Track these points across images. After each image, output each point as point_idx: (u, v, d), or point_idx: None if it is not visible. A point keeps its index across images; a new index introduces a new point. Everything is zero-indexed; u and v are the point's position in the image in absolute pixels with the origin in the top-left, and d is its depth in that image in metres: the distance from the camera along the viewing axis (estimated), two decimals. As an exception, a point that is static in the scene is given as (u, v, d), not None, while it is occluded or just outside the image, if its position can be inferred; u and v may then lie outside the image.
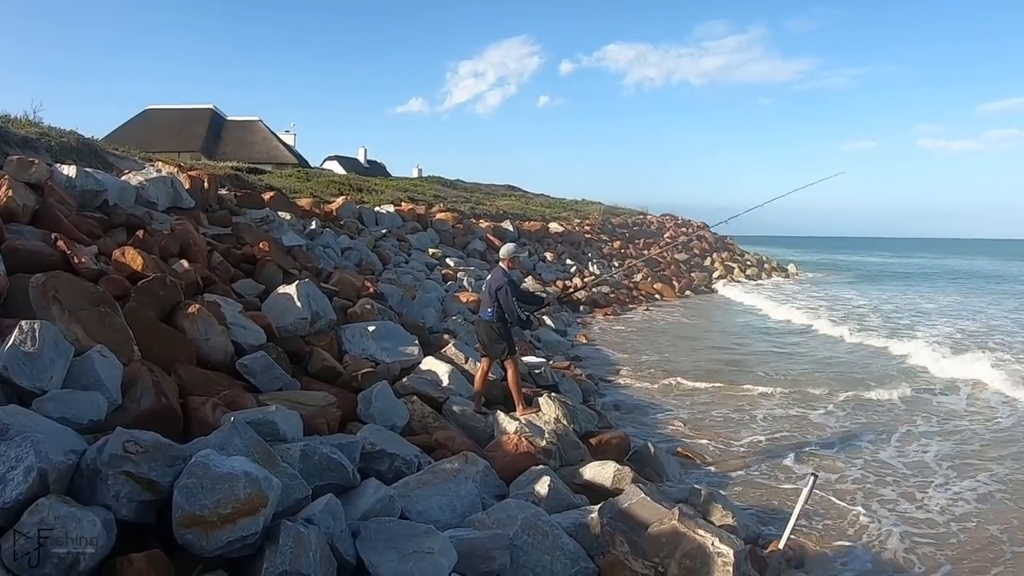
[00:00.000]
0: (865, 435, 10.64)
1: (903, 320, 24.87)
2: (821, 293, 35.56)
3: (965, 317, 25.84)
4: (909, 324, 23.58)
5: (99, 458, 4.00)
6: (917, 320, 24.76)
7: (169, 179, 12.94)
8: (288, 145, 48.26)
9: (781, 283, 41.97)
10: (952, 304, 31.08)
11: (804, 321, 23.97)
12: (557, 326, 18.82)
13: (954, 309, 28.78)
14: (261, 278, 10.70)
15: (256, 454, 4.66)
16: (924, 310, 28.40)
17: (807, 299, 31.67)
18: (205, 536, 3.87)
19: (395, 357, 9.59)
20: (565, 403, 8.96)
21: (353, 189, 28.44)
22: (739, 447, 10.03)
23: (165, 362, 6.44)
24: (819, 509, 7.81)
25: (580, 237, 35.74)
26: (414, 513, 5.51)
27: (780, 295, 32.84)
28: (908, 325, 23.30)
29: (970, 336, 20.58)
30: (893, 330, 21.70)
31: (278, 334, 8.84)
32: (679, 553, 5.06)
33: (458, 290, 18.24)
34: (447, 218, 26.84)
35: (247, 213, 15.52)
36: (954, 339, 19.77)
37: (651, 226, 49.17)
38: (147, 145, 30.58)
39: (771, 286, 38.77)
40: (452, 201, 33.46)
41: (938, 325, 23.11)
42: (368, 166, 60.40)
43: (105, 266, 7.68)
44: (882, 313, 26.70)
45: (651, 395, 13.00)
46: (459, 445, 7.25)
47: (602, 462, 7.45)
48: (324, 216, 19.83)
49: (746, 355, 17.63)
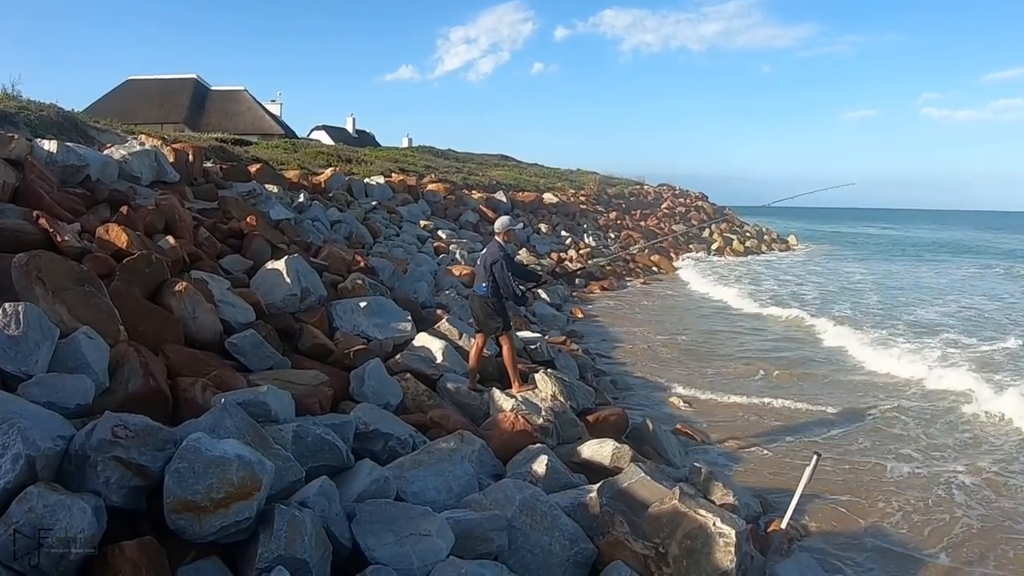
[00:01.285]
0: (872, 413, 10.67)
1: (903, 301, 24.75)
2: (817, 269, 34.31)
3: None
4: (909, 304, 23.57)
5: (88, 443, 3.99)
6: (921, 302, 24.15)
7: (153, 152, 12.85)
8: (274, 115, 47.95)
9: (775, 259, 40.12)
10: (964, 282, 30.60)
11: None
12: (553, 300, 18.80)
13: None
14: (249, 254, 10.65)
15: (248, 436, 4.66)
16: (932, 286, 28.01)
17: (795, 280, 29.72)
18: (198, 522, 3.87)
19: (387, 334, 9.59)
20: (562, 379, 8.96)
21: (342, 160, 28.27)
22: (741, 424, 10.08)
23: (152, 342, 6.41)
24: (823, 488, 7.86)
25: (575, 208, 35.68)
26: (410, 494, 5.53)
27: (752, 279, 28.72)
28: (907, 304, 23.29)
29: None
30: (889, 309, 21.75)
31: (267, 311, 8.82)
32: (680, 533, 5.09)
33: (451, 263, 18.20)
34: (439, 189, 26.75)
35: (233, 186, 15.42)
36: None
37: (648, 196, 49.10)
38: (129, 117, 30.37)
39: (763, 262, 37.11)
40: (444, 171, 33.32)
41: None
42: (357, 136, 60.11)
43: (89, 244, 7.62)
44: (883, 289, 26.60)
45: (649, 370, 13.04)
46: (454, 424, 7.26)
47: (600, 440, 7.47)
48: (312, 188, 19.74)
49: (746, 331, 17.68)
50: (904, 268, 35.98)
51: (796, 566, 5.55)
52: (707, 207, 51.00)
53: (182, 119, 40.95)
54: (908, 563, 6.42)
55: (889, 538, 6.81)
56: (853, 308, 21.09)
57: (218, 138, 24.26)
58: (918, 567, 6.36)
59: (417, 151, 45.25)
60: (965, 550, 6.65)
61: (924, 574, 6.28)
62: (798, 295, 24.15)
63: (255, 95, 47.96)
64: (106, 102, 42.23)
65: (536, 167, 54.23)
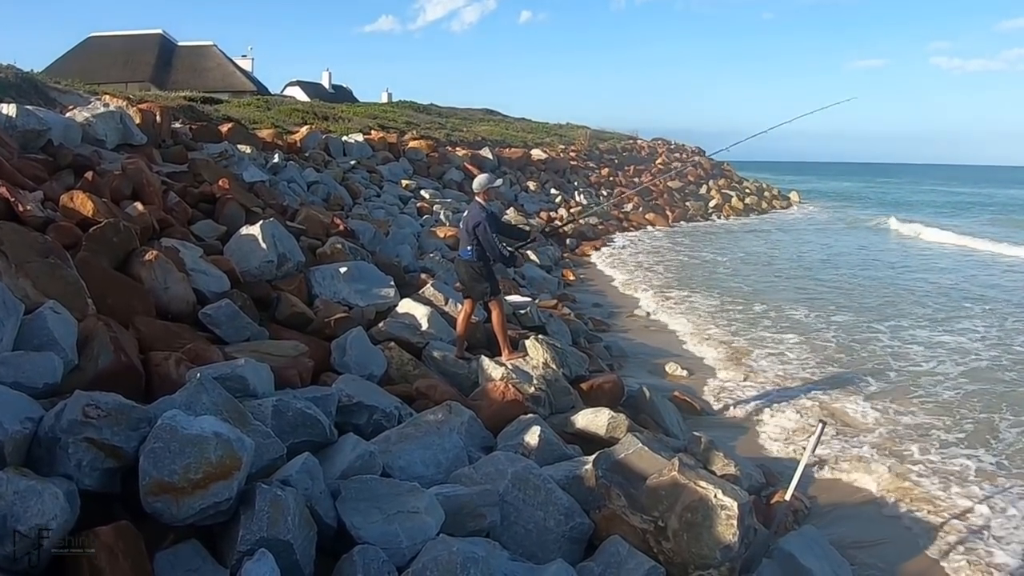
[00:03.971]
0: (879, 378, 10.75)
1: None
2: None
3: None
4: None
5: (58, 425, 3.96)
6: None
7: (118, 114, 12.71)
8: (245, 71, 47.53)
9: (757, 221, 38.27)
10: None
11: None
12: (543, 262, 18.80)
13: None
14: (222, 219, 10.56)
15: (226, 412, 4.63)
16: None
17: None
18: (175, 504, 3.86)
19: (369, 300, 9.55)
20: (554, 345, 8.95)
21: (318, 117, 28.12)
22: (741, 391, 10.13)
23: (122, 315, 6.36)
24: (828, 458, 7.92)
25: (565, 164, 35.56)
26: (396, 469, 5.53)
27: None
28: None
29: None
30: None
31: (243, 279, 8.77)
32: (680, 506, 5.12)
33: (435, 224, 18.16)
34: (421, 146, 26.60)
35: (204, 148, 15.29)
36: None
37: (642, 152, 48.96)
38: (91, 76, 30.06)
39: (720, 227, 33.39)
40: (426, 128, 33.11)
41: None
42: (333, 92, 59.55)
43: (52, 213, 7.54)
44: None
45: (645, 335, 13.09)
46: (441, 394, 7.26)
47: (595, 409, 7.49)
48: (287, 148, 19.64)
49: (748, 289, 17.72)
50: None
51: (801, 539, 5.60)
52: (704, 162, 50.85)
53: (148, 77, 40.54)
54: (919, 534, 6.48)
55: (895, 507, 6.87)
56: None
57: (187, 97, 24.08)
58: (929, 538, 6.43)
59: (397, 106, 44.93)
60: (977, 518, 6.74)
61: (936, 545, 6.34)
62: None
63: (225, 50, 47.53)
64: (66, 61, 41.79)
65: (523, 122, 53.95)
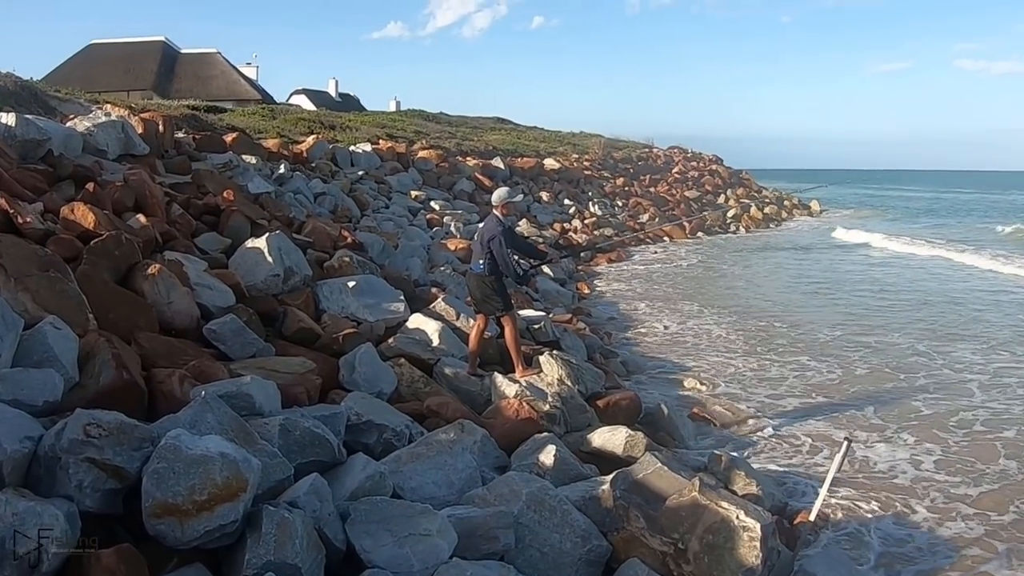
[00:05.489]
0: (908, 393, 10.67)
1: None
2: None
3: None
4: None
5: (58, 444, 3.96)
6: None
7: (120, 123, 12.78)
8: (250, 79, 47.76)
9: (777, 233, 36.97)
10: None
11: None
12: (557, 275, 18.80)
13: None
14: (227, 231, 10.61)
15: (231, 431, 4.64)
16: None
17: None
18: (180, 526, 3.86)
19: (379, 315, 9.57)
20: (569, 361, 8.93)
21: (325, 127, 28.17)
22: (763, 406, 10.08)
23: (124, 331, 6.38)
24: (855, 476, 7.85)
25: (579, 174, 35.55)
26: (407, 490, 5.52)
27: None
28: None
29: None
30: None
31: (248, 293, 8.79)
32: (701, 528, 5.10)
33: (445, 236, 18.20)
34: (430, 156, 26.65)
35: (208, 158, 15.36)
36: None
37: (658, 160, 48.94)
38: (92, 85, 30.23)
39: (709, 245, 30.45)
40: (435, 137, 33.19)
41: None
42: (340, 100, 59.80)
43: (53, 225, 7.57)
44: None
45: (662, 349, 13.06)
46: (453, 412, 7.24)
47: (612, 427, 7.48)
48: (293, 158, 19.69)
49: (768, 304, 17.67)
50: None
51: (826, 560, 5.56)
52: (722, 171, 50.85)
53: (150, 86, 40.83)
54: (946, 552, 6.42)
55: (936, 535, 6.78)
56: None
57: (190, 106, 24.20)
58: (958, 557, 6.37)
59: (406, 115, 45.07)
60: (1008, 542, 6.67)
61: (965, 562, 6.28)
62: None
63: (229, 58, 47.87)
64: (67, 69, 42.09)
65: (535, 130, 54.02)
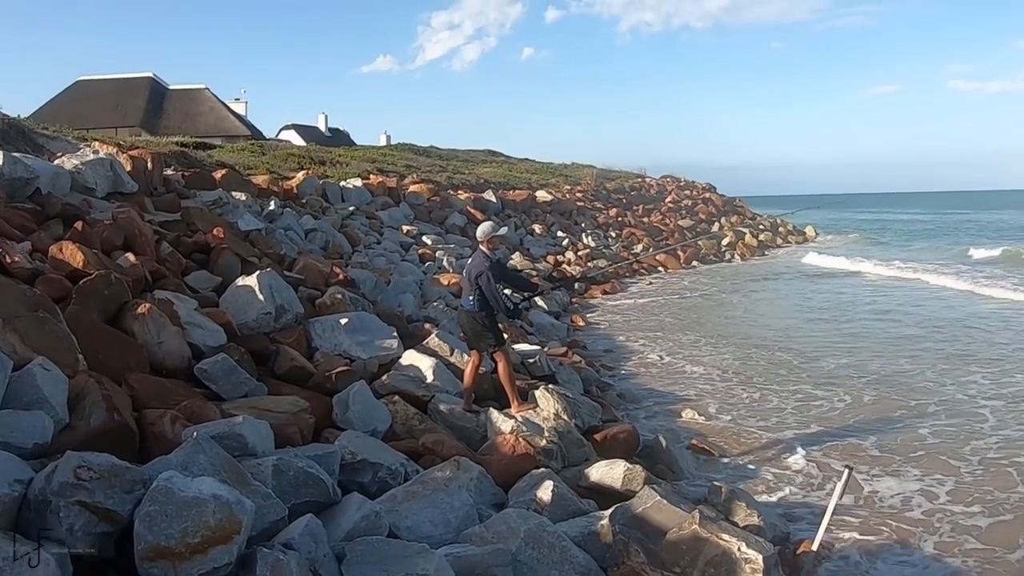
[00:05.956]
0: (907, 420, 10.63)
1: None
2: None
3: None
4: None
5: (48, 487, 3.94)
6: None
7: (108, 161, 12.84)
8: (239, 115, 47.99)
9: (772, 261, 37.15)
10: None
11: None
12: (551, 308, 18.81)
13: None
14: (217, 269, 10.62)
15: (224, 473, 4.62)
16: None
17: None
18: (173, 570, 3.83)
19: (372, 352, 9.56)
20: (565, 395, 8.94)
21: (315, 162, 28.32)
22: (762, 435, 10.06)
23: (115, 371, 6.37)
24: (862, 506, 7.83)
25: (572, 205, 35.78)
26: (404, 530, 5.50)
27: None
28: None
29: None
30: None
31: (239, 332, 8.79)
32: (702, 561, 5.08)
33: (438, 271, 18.19)
34: (422, 190, 26.80)
35: (197, 195, 15.41)
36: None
37: (650, 190, 49.21)
38: (80, 122, 30.31)
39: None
40: (426, 171, 33.36)
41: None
42: (330, 135, 60.15)
43: (41, 264, 7.59)
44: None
45: (659, 381, 13.06)
46: (449, 449, 7.23)
47: (610, 461, 7.45)
48: (284, 194, 19.79)
49: (767, 332, 17.69)
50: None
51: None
52: (716, 199, 51.16)
53: (138, 122, 41.00)
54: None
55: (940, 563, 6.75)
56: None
57: (179, 142, 24.28)
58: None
59: (396, 149, 45.26)
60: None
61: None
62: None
63: (217, 93, 48.14)
64: (55, 106, 42.28)
65: (527, 162, 54.28)
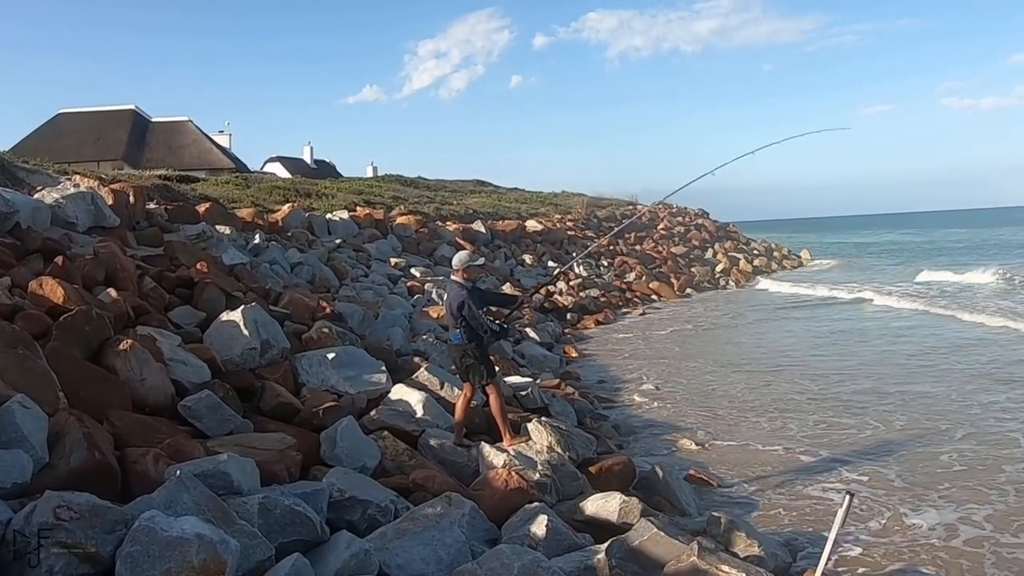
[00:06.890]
0: (911, 442, 10.59)
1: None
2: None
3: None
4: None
5: (27, 527, 3.93)
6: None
7: (89, 195, 12.84)
8: (223, 147, 48.19)
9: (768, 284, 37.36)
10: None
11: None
12: (543, 339, 18.84)
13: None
14: (201, 304, 10.59)
15: (209, 512, 4.61)
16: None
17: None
18: (156, 612, 3.81)
19: (360, 387, 9.53)
20: (558, 428, 8.92)
21: (300, 195, 28.44)
22: (761, 464, 10.03)
23: (96, 409, 6.34)
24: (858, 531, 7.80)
25: (562, 235, 35.92)
26: (394, 568, 5.47)
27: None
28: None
29: None
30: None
31: (224, 368, 8.77)
32: (701, 595, 5.06)
33: (427, 304, 18.20)
34: (409, 222, 26.90)
35: (180, 229, 15.38)
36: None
37: (642, 217, 49.36)
38: (61, 155, 30.45)
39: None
40: (414, 202, 33.52)
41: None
42: (316, 167, 60.32)
43: (21, 300, 7.58)
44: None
45: (655, 410, 13.05)
46: (440, 485, 7.20)
47: (605, 493, 7.42)
48: (269, 227, 19.83)
49: (765, 356, 17.70)
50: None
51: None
52: (708, 224, 51.36)
53: (120, 155, 41.10)
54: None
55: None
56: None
57: (161, 175, 24.39)
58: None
59: (383, 180, 45.49)
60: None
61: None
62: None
63: (201, 125, 48.35)
64: (35, 139, 42.38)
65: (516, 192, 54.60)
